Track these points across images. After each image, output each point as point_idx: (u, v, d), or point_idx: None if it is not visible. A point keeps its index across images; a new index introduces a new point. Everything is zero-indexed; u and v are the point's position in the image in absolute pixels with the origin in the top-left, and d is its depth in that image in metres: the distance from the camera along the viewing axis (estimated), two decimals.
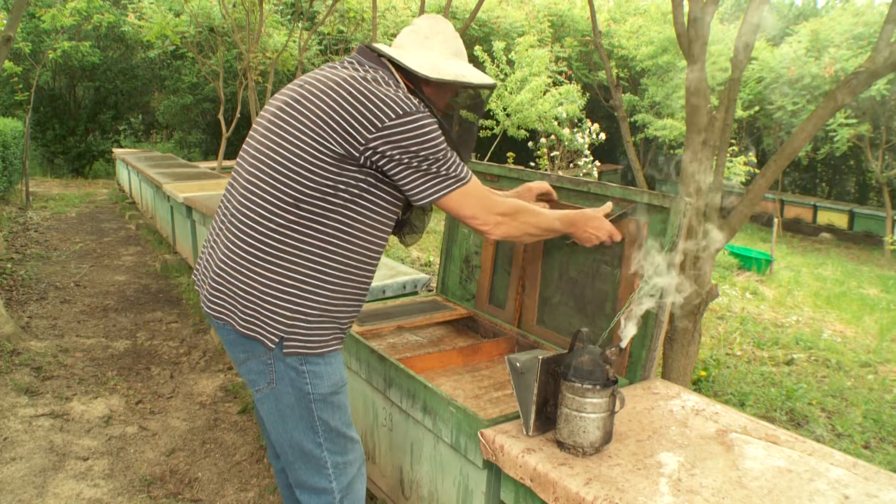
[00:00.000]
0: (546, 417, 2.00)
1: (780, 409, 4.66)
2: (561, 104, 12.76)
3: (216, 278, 2.06)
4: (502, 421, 2.13)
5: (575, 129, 13.65)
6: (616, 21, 17.17)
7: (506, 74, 12.66)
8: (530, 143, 13.53)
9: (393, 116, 1.89)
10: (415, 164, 1.94)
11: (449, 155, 1.98)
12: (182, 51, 14.37)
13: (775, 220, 10.69)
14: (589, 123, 13.74)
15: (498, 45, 12.66)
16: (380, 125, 1.89)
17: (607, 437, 1.91)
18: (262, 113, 2.15)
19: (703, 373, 5.03)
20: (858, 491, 1.76)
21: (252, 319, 2.00)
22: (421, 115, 1.92)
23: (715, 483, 1.77)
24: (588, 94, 14.67)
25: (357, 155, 1.92)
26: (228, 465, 3.51)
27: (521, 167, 3.84)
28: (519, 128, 12.66)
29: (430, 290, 3.91)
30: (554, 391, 1.97)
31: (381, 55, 2.08)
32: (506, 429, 2.06)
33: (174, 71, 17.01)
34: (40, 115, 15.86)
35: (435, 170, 1.97)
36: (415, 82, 2.09)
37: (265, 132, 2.04)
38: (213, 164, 11.62)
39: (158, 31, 10.55)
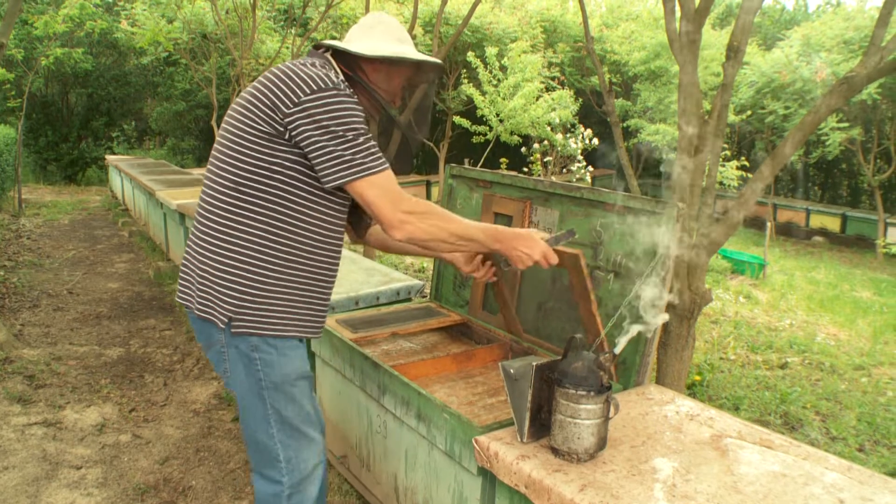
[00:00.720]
0: (540, 424, 2.00)
1: (774, 412, 4.67)
2: (554, 109, 12.77)
3: (183, 266, 2.19)
4: (497, 428, 2.13)
5: (568, 135, 13.66)
6: (608, 26, 17.21)
7: (498, 80, 12.67)
8: (523, 149, 13.54)
9: (308, 91, 1.92)
10: (324, 141, 1.93)
11: (362, 140, 1.95)
12: (175, 57, 14.36)
13: (768, 224, 10.72)
14: (582, 129, 13.75)
15: (491, 51, 12.67)
16: (296, 100, 1.92)
17: (602, 444, 1.91)
18: None
19: (698, 377, 5.03)
20: (853, 495, 1.76)
21: (205, 300, 2.07)
22: (338, 91, 1.94)
23: (710, 489, 1.77)
24: (581, 100, 14.70)
25: (282, 130, 1.95)
26: (223, 473, 3.50)
27: (515, 173, 3.85)
28: (512, 133, 12.68)
29: (423, 297, 3.90)
30: (548, 398, 1.97)
31: (325, 50, 2.16)
32: (500, 435, 2.06)
33: (167, 77, 17.00)
34: (33, 121, 15.81)
35: (341, 151, 1.93)
36: (355, 68, 2.14)
37: (222, 128, 2.13)
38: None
39: (151, 37, 10.54)
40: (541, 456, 1.94)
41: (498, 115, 12.50)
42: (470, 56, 12.91)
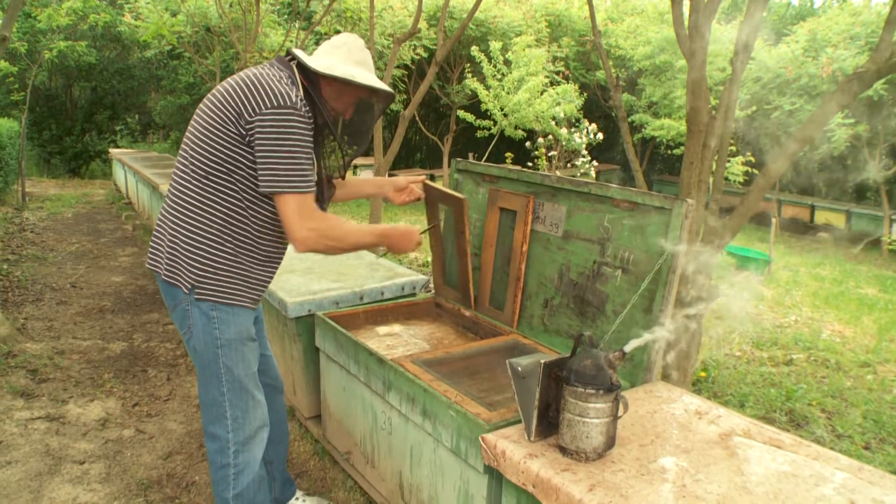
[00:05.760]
0: (548, 422, 1.98)
1: (779, 409, 4.64)
2: (558, 104, 12.72)
3: (154, 235, 2.48)
4: (503, 425, 2.11)
5: (572, 129, 13.61)
6: (613, 21, 17.12)
7: (503, 74, 12.63)
8: (528, 143, 13.51)
9: (270, 105, 2.19)
10: (269, 153, 2.21)
11: (298, 161, 2.23)
12: (179, 51, 14.32)
13: (773, 220, 10.66)
14: (586, 123, 13.70)
15: (495, 45, 12.62)
16: (259, 110, 2.20)
17: (610, 442, 1.89)
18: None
19: (703, 374, 5.01)
20: (864, 496, 1.74)
21: (172, 267, 2.37)
22: (295, 111, 2.21)
23: (720, 489, 1.75)
24: (585, 94, 14.64)
25: (244, 134, 2.23)
26: None
27: (520, 167, 3.82)
28: (516, 128, 12.63)
29: (428, 292, 3.88)
30: (556, 396, 1.95)
31: (291, 59, 2.42)
32: (507, 433, 2.04)
33: (171, 71, 16.94)
34: (36, 115, 15.79)
35: (277, 166, 2.22)
36: (314, 81, 2.38)
37: (195, 117, 2.40)
38: None
39: (155, 30, 10.49)
40: (549, 455, 1.92)
41: (502, 109, 12.46)
42: (474, 50, 12.86)
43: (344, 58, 2.44)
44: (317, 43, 13.67)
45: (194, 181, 2.33)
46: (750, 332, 6.48)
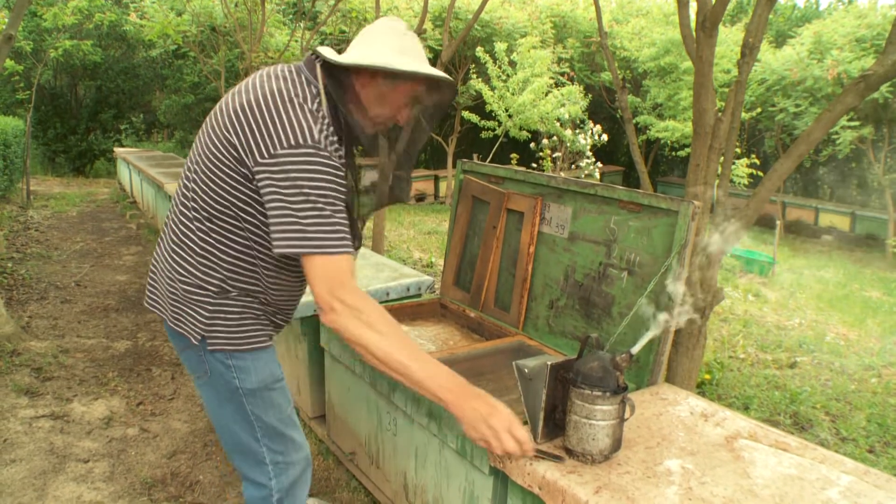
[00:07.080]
0: (554, 424, 1.97)
1: (784, 412, 4.64)
2: (563, 105, 12.73)
3: (151, 273, 2.19)
4: None
5: (577, 131, 13.62)
6: (618, 22, 17.11)
7: (508, 75, 12.63)
8: (532, 144, 13.51)
9: (285, 145, 1.78)
10: (286, 203, 1.78)
11: (325, 212, 1.78)
12: (184, 50, 14.34)
13: (777, 223, 10.65)
14: (591, 125, 13.71)
15: (500, 46, 12.63)
16: (271, 151, 1.79)
17: (617, 445, 1.89)
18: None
19: (707, 376, 5.00)
20: (870, 499, 1.74)
21: (178, 316, 2.07)
22: (317, 150, 1.78)
23: (726, 492, 1.75)
24: (590, 96, 14.64)
25: (251, 176, 1.86)
26: (230, 468, 3.49)
27: (525, 168, 3.82)
28: (521, 129, 12.64)
29: (433, 292, 3.88)
30: (562, 398, 1.95)
31: (317, 58, 1.95)
32: None
33: (176, 70, 16.98)
34: (41, 113, 15.83)
35: (300, 219, 1.78)
36: (344, 85, 1.93)
37: (201, 134, 2.04)
38: None
39: (160, 30, 10.51)
40: None
41: (507, 110, 12.47)
42: (479, 51, 12.87)
43: (381, 49, 1.91)
44: (322, 43, 13.69)
45: (196, 221, 1.99)
46: (754, 335, 6.48)
